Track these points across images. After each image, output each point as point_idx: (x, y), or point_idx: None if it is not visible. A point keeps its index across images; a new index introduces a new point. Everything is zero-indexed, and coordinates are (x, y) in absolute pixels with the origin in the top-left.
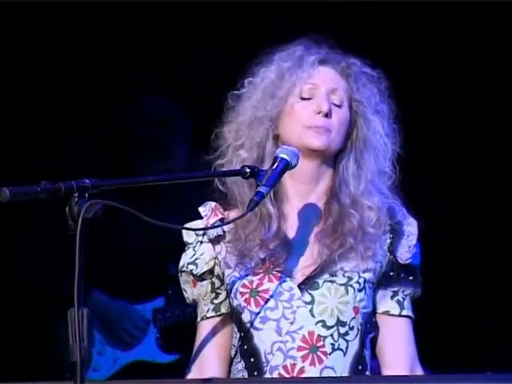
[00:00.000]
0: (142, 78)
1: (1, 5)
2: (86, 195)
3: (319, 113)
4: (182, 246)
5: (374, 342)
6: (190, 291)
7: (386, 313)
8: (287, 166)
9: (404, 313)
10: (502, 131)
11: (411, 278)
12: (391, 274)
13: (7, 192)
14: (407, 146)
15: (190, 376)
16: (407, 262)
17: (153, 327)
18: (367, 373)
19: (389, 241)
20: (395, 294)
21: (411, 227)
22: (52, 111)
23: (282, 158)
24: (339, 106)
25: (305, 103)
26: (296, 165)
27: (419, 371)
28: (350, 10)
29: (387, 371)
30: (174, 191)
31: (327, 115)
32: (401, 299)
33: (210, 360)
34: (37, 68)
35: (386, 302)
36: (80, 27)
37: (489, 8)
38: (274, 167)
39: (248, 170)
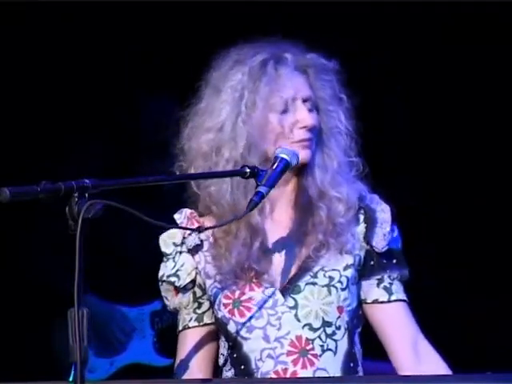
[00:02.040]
0: (142, 78)
1: (1, 5)
2: (86, 195)
3: (304, 127)
4: (160, 254)
5: (365, 335)
6: (172, 300)
7: (376, 301)
8: (287, 165)
9: (393, 298)
10: (501, 131)
11: (395, 261)
12: (371, 263)
13: (7, 192)
14: (407, 146)
15: None
16: (384, 249)
17: (150, 330)
18: (359, 368)
19: (364, 230)
20: (380, 281)
21: (384, 213)
22: (52, 111)
23: (282, 158)
24: (311, 111)
25: (284, 117)
26: (296, 164)
27: (425, 349)
28: (350, 10)
29: (392, 358)
30: (174, 192)
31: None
32: (387, 285)
33: (195, 372)
34: (37, 68)
35: (373, 291)
36: (80, 27)
37: (489, 8)
38: (274, 167)
39: (248, 170)
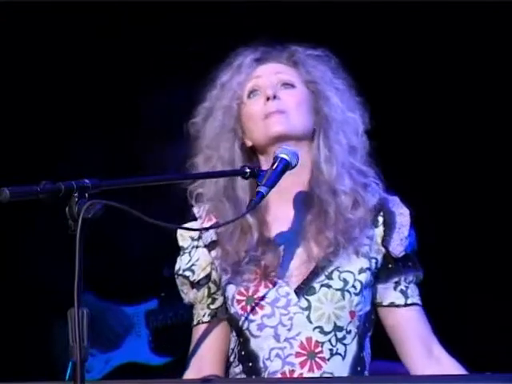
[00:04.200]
0: (143, 77)
1: (1, 5)
2: (86, 195)
3: (268, 100)
4: (177, 248)
5: (378, 338)
6: (187, 294)
7: (392, 304)
8: (287, 165)
9: (409, 301)
10: (502, 131)
11: (410, 264)
12: (389, 266)
13: (7, 192)
14: (407, 145)
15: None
16: (401, 255)
17: (145, 329)
18: (366, 373)
19: (382, 234)
20: (397, 284)
21: (403, 217)
22: (52, 111)
23: (282, 158)
24: (291, 87)
25: (253, 100)
26: (296, 165)
27: (440, 353)
28: (350, 10)
29: (407, 360)
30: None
31: (275, 97)
32: (404, 288)
33: (207, 366)
34: (37, 67)
35: (390, 294)
36: (80, 27)
37: (489, 8)
38: (273, 167)
39: (248, 170)
